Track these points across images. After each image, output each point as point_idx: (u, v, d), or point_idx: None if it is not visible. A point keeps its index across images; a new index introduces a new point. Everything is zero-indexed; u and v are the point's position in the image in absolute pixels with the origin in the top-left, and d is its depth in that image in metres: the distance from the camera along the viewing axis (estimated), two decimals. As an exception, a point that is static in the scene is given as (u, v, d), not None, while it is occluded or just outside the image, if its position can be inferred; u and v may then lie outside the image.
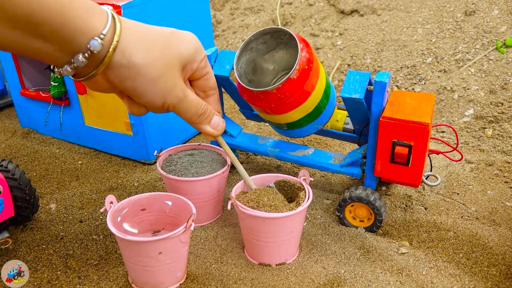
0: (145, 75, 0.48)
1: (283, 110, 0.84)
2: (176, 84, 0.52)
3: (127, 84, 0.48)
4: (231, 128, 1.07)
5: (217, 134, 0.61)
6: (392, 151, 0.83)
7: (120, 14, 0.97)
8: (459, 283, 0.78)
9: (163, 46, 0.49)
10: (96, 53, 0.43)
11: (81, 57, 0.43)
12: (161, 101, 0.51)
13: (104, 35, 0.43)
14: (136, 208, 0.83)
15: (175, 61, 0.50)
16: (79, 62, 0.43)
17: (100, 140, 1.23)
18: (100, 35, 0.43)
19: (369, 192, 0.88)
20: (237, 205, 0.78)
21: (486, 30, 1.43)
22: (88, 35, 0.43)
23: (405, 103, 0.85)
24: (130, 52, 0.46)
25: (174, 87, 0.51)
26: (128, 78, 0.47)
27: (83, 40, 0.43)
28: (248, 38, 0.86)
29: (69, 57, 0.44)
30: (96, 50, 0.43)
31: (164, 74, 0.49)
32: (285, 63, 0.93)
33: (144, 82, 0.48)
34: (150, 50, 0.48)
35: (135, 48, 0.46)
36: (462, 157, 0.93)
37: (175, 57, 0.50)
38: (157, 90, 0.50)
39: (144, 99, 0.50)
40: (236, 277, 0.80)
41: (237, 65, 0.86)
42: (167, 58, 0.49)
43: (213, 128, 0.60)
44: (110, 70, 0.46)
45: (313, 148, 1.01)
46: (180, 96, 0.53)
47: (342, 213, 0.92)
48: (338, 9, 1.77)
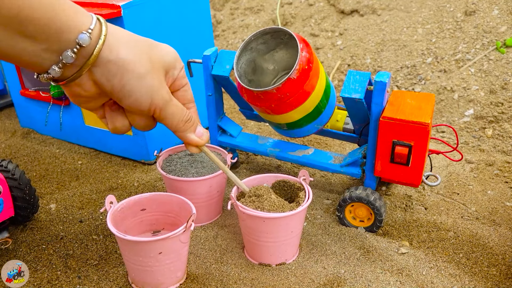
0: (133, 71, 0.48)
1: (283, 110, 0.84)
2: (162, 85, 0.52)
3: (115, 82, 0.48)
4: (231, 128, 1.07)
5: (202, 143, 0.60)
6: (392, 151, 0.83)
7: (120, 14, 0.97)
8: (459, 283, 0.78)
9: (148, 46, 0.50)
10: (84, 47, 0.44)
11: (69, 53, 0.43)
12: (148, 101, 0.51)
13: (91, 29, 0.44)
14: (136, 208, 0.83)
15: (159, 63, 0.51)
16: (68, 58, 0.43)
17: (100, 140, 1.23)
18: (88, 30, 0.44)
19: (369, 192, 0.88)
20: (237, 206, 0.78)
21: (486, 30, 1.42)
22: (76, 30, 0.43)
23: (405, 103, 0.85)
24: (118, 48, 0.47)
25: (161, 87, 0.52)
26: (116, 75, 0.47)
27: (71, 36, 0.43)
28: (248, 38, 0.86)
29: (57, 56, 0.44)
30: (85, 43, 0.43)
31: (151, 71, 0.50)
32: (285, 63, 0.93)
33: (132, 79, 0.48)
34: (136, 47, 0.48)
35: (122, 44, 0.47)
36: (462, 157, 0.93)
37: (158, 59, 0.51)
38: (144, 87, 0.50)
39: (131, 99, 0.50)
40: (236, 277, 0.80)
41: (237, 65, 0.86)
42: (152, 58, 0.50)
43: (198, 137, 0.59)
44: (97, 67, 0.46)
45: (313, 148, 1.01)
46: (166, 98, 0.53)
47: (342, 213, 0.92)
48: (338, 9, 1.77)
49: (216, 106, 1.04)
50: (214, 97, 1.02)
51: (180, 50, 1.19)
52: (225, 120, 1.07)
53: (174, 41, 1.15)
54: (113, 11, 0.97)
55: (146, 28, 1.05)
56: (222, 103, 1.06)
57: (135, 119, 0.54)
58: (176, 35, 1.15)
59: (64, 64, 0.44)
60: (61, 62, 0.44)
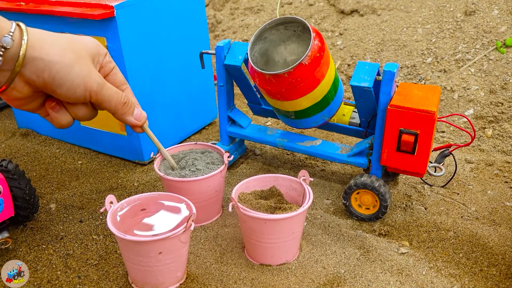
0: (60, 63, 0.51)
1: (293, 96, 0.86)
2: (92, 70, 0.55)
3: (45, 76, 0.50)
4: (241, 119, 1.09)
5: (141, 124, 0.65)
6: (398, 139, 0.85)
7: (113, 15, 0.97)
8: (459, 283, 0.78)
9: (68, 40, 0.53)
10: (9, 48, 0.46)
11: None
12: (82, 87, 0.53)
13: (12, 32, 0.47)
14: (136, 208, 0.83)
15: (83, 51, 0.54)
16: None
17: (95, 140, 1.23)
18: (9, 33, 0.47)
19: (374, 179, 0.90)
20: (238, 207, 0.78)
21: (486, 30, 1.43)
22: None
23: (412, 93, 0.87)
24: (40, 46, 0.49)
25: (91, 73, 0.54)
26: (44, 70, 0.50)
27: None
28: (263, 26, 0.89)
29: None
30: (8, 45, 0.46)
31: (77, 61, 0.52)
32: (296, 57, 0.95)
33: (61, 69, 0.51)
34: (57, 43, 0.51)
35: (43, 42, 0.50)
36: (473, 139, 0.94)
37: (82, 48, 0.54)
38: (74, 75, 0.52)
39: (64, 88, 0.52)
40: (236, 277, 0.80)
41: (251, 51, 0.88)
42: (75, 49, 0.53)
43: (136, 119, 0.64)
44: (25, 67, 0.49)
45: (320, 139, 1.03)
46: (99, 81, 0.55)
47: (348, 200, 0.93)
48: (338, 9, 1.77)
49: (227, 97, 1.07)
50: (225, 88, 1.05)
51: (175, 51, 1.19)
52: (235, 111, 1.10)
53: (168, 41, 1.14)
54: (106, 11, 0.96)
55: (139, 28, 1.04)
56: (232, 94, 1.09)
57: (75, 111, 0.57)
58: (170, 36, 1.14)
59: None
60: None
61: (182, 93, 1.23)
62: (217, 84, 1.05)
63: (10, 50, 0.47)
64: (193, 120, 1.30)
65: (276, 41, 0.93)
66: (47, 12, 1.04)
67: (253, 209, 0.80)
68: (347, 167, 1.14)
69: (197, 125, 1.33)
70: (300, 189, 0.85)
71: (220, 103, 1.07)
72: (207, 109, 1.35)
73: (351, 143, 1.24)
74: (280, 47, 0.95)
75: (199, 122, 1.33)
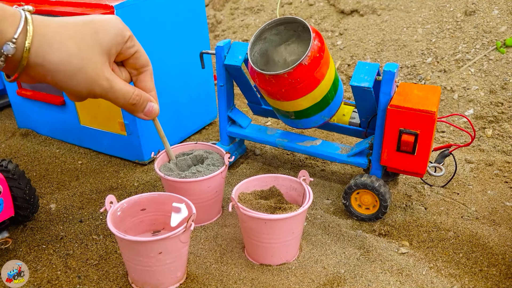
0: (64, 71, 0.50)
1: (293, 96, 0.86)
2: (99, 75, 0.53)
3: (48, 79, 0.50)
4: (241, 119, 1.09)
5: (150, 119, 0.64)
6: (398, 140, 0.85)
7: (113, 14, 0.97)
8: (459, 283, 0.78)
9: (78, 41, 0.51)
10: (11, 56, 0.46)
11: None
12: (86, 91, 0.53)
13: (16, 38, 0.46)
14: (136, 208, 0.83)
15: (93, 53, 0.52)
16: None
17: (95, 140, 1.23)
18: (12, 39, 0.46)
19: (374, 179, 0.91)
20: (238, 207, 0.78)
21: (486, 30, 1.43)
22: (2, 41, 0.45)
23: (412, 93, 0.87)
24: (44, 52, 0.48)
25: (98, 78, 0.53)
26: (46, 75, 0.50)
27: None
28: (263, 26, 0.89)
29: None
30: (10, 53, 0.46)
31: (82, 68, 0.51)
32: (296, 57, 0.95)
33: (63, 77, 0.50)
34: (64, 47, 0.49)
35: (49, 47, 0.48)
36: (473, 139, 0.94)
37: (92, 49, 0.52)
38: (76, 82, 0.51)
39: (67, 90, 0.52)
40: (236, 277, 0.80)
41: (251, 51, 0.88)
42: (83, 52, 0.51)
43: (146, 115, 0.63)
44: (28, 70, 0.49)
45: (320, 139, 1.03)
46: (105, 86, 0.54)
47: (348, 200, 0.94)
48: (338, 9, 1.77)
49: (227, 97, 1.07)
50: (225, 88, 1.05)
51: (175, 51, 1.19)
52: (235, 111, 1.10)
53: (168, 41, 1.14)
54: (106, 11, 0.96)
55: (139, 28, 1.04)
56: (232, 94, 1.09)
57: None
58: (170, 36, 1.14)
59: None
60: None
61: (182, 93, 1.23)
62: (217, 84, 1.05)
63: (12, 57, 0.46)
64: (193, 120, 1.30)
65: (276, 41, 0.93)
66: (47, 12, 1.04)
67: (253, 209, 0.81)
68: (347, 167, 1.14)
69: (197, 125, 1.33)
70: (300, 189, 0.85)
71: (220, 103, 1.08)
72: (207, 109, 1.35)
73: (351, 143, 1.24)
74: (280, 47, 0.95)
75: (199, 122, 1.33)
